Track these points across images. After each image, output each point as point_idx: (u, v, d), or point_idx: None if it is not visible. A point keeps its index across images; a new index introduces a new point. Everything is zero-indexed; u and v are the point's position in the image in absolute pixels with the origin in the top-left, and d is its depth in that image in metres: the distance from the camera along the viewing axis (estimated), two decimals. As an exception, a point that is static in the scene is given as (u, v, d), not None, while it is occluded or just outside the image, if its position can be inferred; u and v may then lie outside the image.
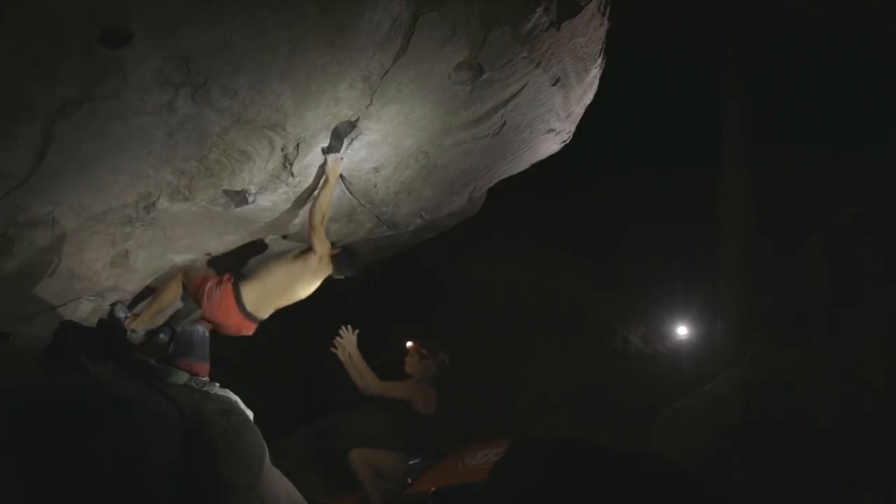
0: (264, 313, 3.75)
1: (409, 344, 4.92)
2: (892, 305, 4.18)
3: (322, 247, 3.69)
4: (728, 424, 4.71)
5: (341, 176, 3.78)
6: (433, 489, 4.20)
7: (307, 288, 3.83)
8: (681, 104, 9.62)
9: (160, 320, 4.29)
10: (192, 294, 3.70)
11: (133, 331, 3.73)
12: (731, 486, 4.18)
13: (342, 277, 3.85)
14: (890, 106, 8.27)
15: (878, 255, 4.44)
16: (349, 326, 4.61)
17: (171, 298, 3.83)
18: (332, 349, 4.61)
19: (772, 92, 9.17)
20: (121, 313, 3.72)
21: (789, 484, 4.06)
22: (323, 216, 3.60)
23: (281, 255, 3.83)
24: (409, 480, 4.47)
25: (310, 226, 3.62)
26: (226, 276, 3.67)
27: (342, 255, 3.81)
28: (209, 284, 3.61)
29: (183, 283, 3.79)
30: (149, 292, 4.11)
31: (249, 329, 3.75)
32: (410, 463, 4.46)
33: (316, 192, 3.72)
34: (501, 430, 5.31)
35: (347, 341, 4.58)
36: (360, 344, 4.63)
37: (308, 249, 3.72)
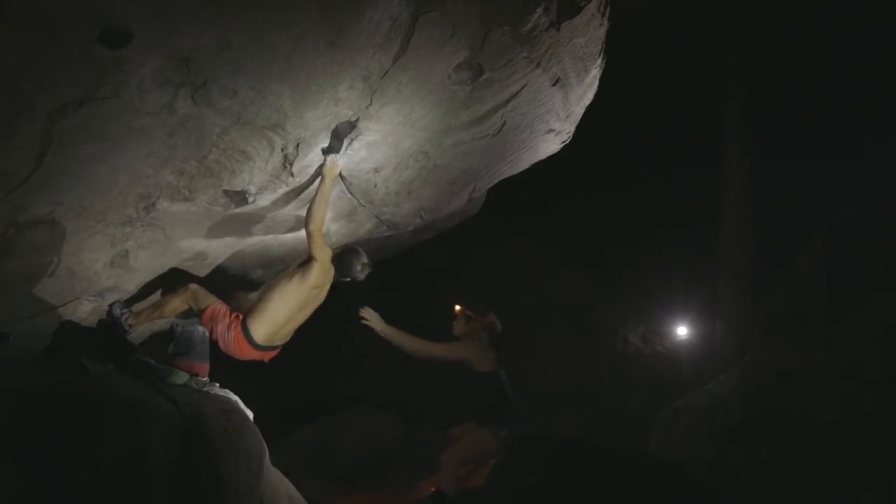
0: (281, 340, 3.71)
1: (456, 307, 4.73)
2: (891, 306, 4.18)
3: (321, 253, 3.58)
4: (728, 424, 4.71)
5: (341, 176, 3.78)
6: (433, 489, 4.21)
7: (315, 303, 3.75)
8: (681, 106, 9.62)
9: (159, 324, 4.29)
10: (203, 325, 3.66)
11: (131, 325, 3.73)
12: (731, 486, 4.18)
13: (347, 280, 3.78)
14: (889, 108, 8.27)
15: (877, 255, 4.45)
16: (366, 308, 4.48)
17: (173, 311, 3.77)
18: (363, 320, 4.45)
19: (772, 93, 9.18)
20: (118, 311, 3.71)
21: (789, 484, 4.06)
22: (319, 221, 3.47)
23: (282, 278, 3.69)
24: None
25: (306, 232, 3.52)
26: (233, 316, 3.59)
27: (342, 256, 3.75)
28: (220, 326, 3.55)
29: (190, 304, 3.73)
30: (146, 291, 4.11)
31: (271, 355, 3.74)
32: (502, 435, 4.25)
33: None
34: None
35: (374, 321, 4.46)
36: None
37: (308, 261, 3.60)
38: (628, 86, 7.67)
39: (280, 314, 3.57)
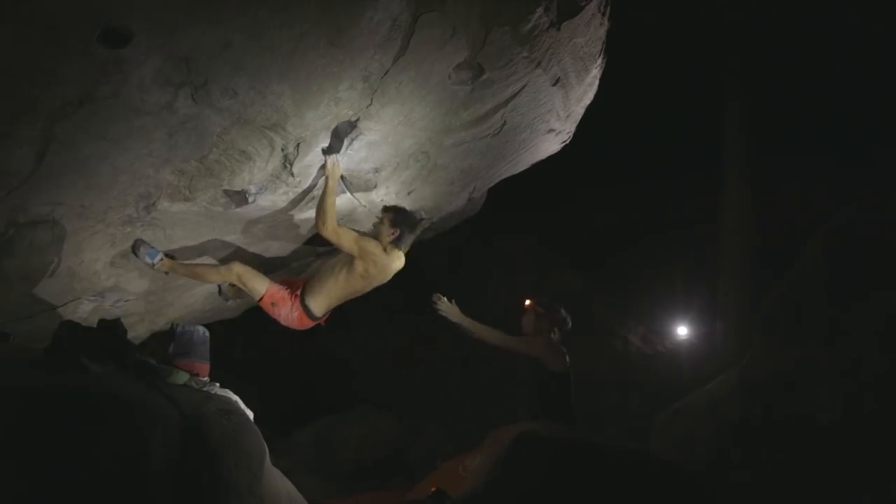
0: (335, 306, 3.93)
1: (526, 302, 4.68)
2: (891, 306, 4.19)
3: (354, 247, 3.64)
4: (728, 424, 4.72)
5: (342, 176, 3.78)
6: (433, 489, 4.19)
7: (374, 284, 3.86)
8: (682, 107, 9.63)
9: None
10: (262, 306, 3.86)
11: (166, 274, 3.78)
12: (731, 486, 4.18)
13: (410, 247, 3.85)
14: (890, 109, 8.28)
15: (877, 255, 4.45)
16: (440, 296, 4.42)
17: (205, 279, 3.95)
18: (436, 308, 4.37)
19: (772, 93, 9.18)
20: (147, 257, 3.65)
21: (789, 484, 4.06)
22: (326, 220, 3.51)
23: (335, 264, 3.83)
24: None
25: (323, 236, 3.60)
26: (292, 297, 3.79)
27: (401, 236, 3.74)
28: (284, 311, 3.79)
29: (233, 282, 3.87)
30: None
31: (326, 318, 3.99)
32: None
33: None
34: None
35: (449, 310, 4.39)
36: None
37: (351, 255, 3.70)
38: (631, 88, 7.68)
39: (335, 295, 3.83)
